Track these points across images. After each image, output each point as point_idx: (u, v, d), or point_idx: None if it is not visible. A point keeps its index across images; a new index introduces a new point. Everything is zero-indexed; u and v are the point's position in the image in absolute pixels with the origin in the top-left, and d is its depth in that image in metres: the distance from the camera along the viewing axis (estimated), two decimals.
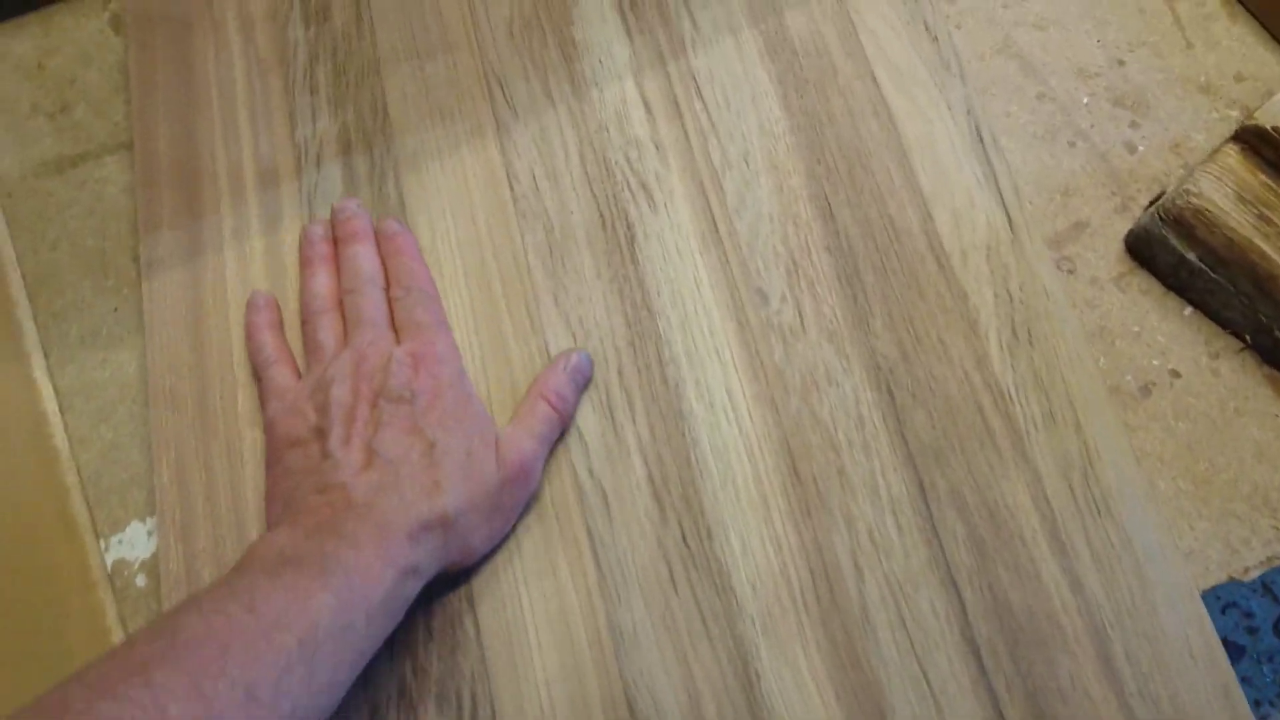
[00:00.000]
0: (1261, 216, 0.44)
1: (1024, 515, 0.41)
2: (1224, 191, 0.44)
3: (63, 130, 0.52)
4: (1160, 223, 0.46)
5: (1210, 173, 0.45)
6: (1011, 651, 0.39)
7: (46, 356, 0.47)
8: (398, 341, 0.42)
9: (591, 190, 0.47)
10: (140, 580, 0.43)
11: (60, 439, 0.45)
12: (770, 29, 0.50)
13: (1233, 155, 0.45)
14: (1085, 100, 0.51)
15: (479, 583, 0.40)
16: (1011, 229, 0.46)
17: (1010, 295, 0.45)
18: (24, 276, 0.48)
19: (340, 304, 0.44)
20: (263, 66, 0.50)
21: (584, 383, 0.43)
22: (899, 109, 0.49)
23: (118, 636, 0.42)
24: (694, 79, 0.49)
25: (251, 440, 0.43)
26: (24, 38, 0.54)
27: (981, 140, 0.48)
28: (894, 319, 0.44)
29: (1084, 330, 0.46)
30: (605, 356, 0.44)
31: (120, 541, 0.44)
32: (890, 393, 0.43)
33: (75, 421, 0.46)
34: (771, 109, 0.49)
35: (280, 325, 0.45)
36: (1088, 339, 0.46)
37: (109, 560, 0.43)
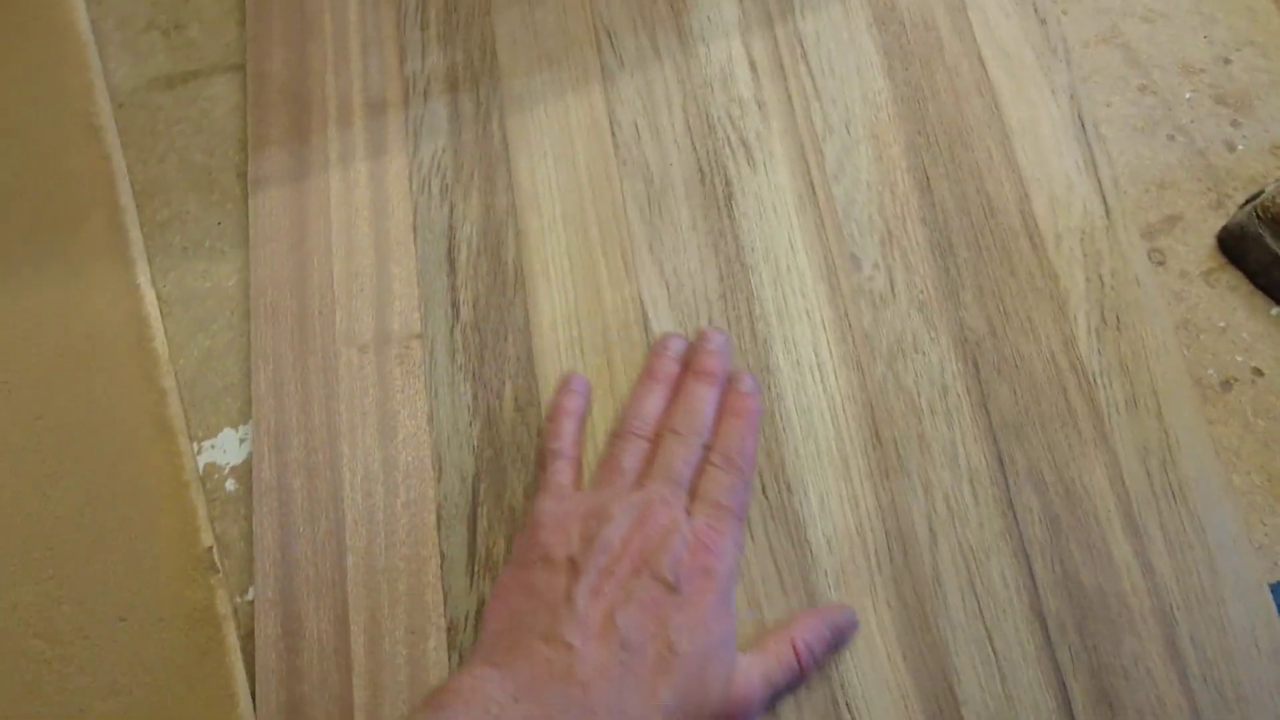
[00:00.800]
0: None
1: (1100, 496, 0.41)
2: None
3: (175, 47, 0.53)
4: (1257, 221, 0.46)
5: None
6: (1079, 626, 0.40)
7: (150, 264, 0.48)
8: (689, 508, 0.39)
9: (693, 144, 0.48)
10: (230, 485, 0.44)
11: (160, 343, 0.46)
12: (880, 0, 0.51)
13: None
14: (1188, 96, 0.51)
15: None
16: (1108, 216, 0.46)
17: (1102, 281, 0.45)
18: (132, 186, 0.50)
19: (657, 434, 0.41)
20: None
21: (842, 645, 0.39)
22: (1003, 90, 0.49)
23: (206, 537, 0.43)
24: (800, 43, 0.50)
25: (347, 359, 0.44)
26: None
27: (1084, 127, 0.48)
28: (984, 294, 0.45)
29: (1170, 321, 0.46)
30: (696, 308, 0.45)
31: (213, 446, 0.45)
32: (976, 365, 0.44)
33: (175, 328, 0.47)
34: (876, 79, 0.49)
35: (584, 418, 0.43)
36: (1174, 330, 0.46)
37: (200, 464, 0.45)
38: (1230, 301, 0.47)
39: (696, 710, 0.35)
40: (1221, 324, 0.47)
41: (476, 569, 0.41)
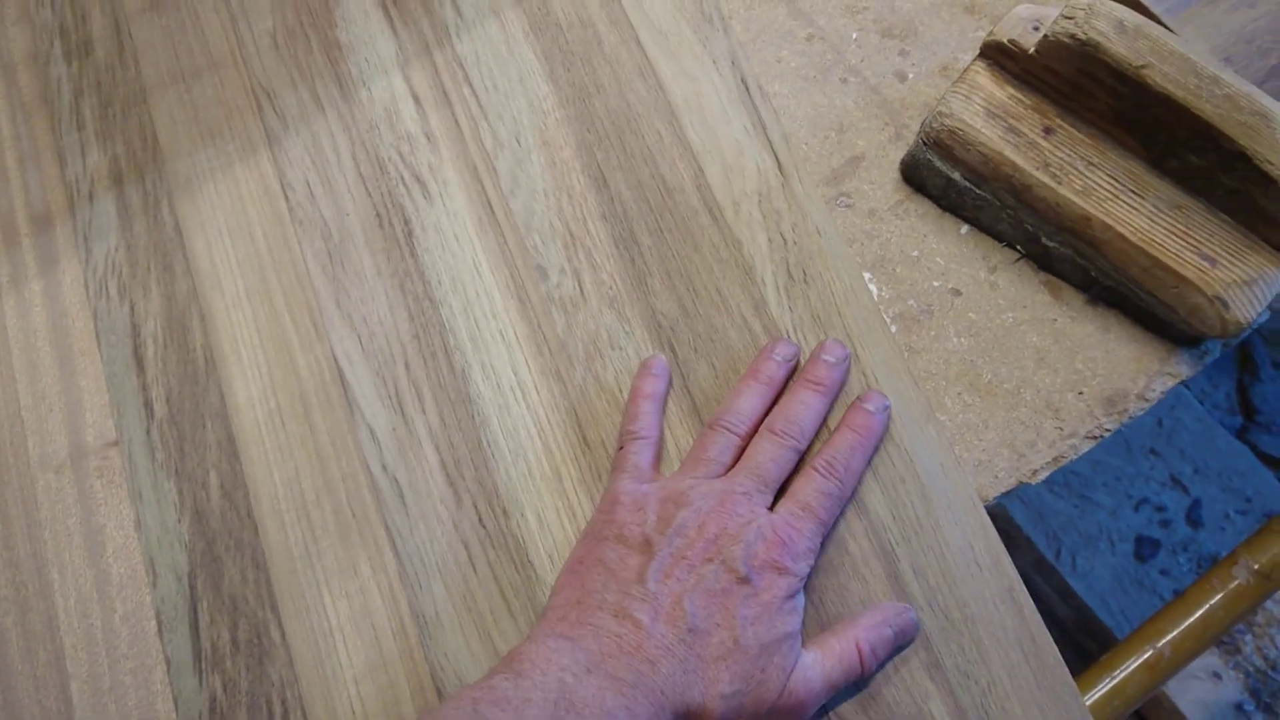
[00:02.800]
0: (1010, 129, 0.45)
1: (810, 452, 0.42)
2: (973, 109, 0.45)
3: None
4: (924, 147, 0.47)
5: (960, 92, 0.46)
6: (806, 583, 0.40)
7: None
8: (774, 506, 0.39)
9: (366, 190, 0.47)
10: None
11: None
12: (533, 7, 0.51)
13: (980, 72, 0.46)
14: (854, 36, 0.52)
15: (282, 590, 0.41)
16: (781, 173, 0.47)
17: (784, 238, 0.46)
18: None
19: (753, 431, 0.41)
20: (27, 109, 0.50)
21: (903, 647, 0.39)
22: (665, 70, 0.49)
23: None
24: (461, 66, 0.50)
25: (45, 484, 0.43)
26: None
27: (748, 90, 0.49)
28: (671, 277, 0.45)
29: (864, 262, 0.47)
30: (391, 352, 0.44)
31: None
32: (673, 349, 0.44)
33: None
34: (539, 86, 0.49)
35: (665, 401, 0.43)
36: (869, 270, 0.46)
37: None
38: (921, 229, 0.48)
39: (755, 703, 0.36)
40: (915, 253, 0.47)
41: (204, 667, 0.40)
